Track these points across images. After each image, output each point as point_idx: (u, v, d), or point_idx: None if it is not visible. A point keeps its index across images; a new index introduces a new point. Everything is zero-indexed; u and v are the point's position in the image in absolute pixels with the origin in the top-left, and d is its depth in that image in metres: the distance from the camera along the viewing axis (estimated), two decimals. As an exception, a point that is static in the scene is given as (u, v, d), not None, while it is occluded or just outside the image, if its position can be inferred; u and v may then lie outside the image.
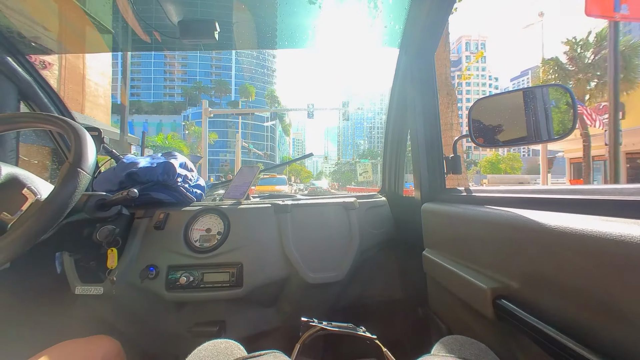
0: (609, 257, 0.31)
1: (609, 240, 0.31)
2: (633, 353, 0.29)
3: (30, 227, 0.49)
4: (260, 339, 0.97)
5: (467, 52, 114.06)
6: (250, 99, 75.16)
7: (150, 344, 0.97)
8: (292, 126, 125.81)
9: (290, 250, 0.93)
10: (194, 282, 0.86)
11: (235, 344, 0.53)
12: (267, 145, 76.33)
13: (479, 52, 50.87)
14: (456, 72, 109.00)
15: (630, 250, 0.29)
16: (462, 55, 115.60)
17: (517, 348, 0.49)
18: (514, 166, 44.39)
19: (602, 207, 0.38)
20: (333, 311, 1.06)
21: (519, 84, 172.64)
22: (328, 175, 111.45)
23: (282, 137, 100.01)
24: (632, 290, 0.29)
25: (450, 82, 4.92)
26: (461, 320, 0.69)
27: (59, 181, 0.53)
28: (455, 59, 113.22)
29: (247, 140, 51.91)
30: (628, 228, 0.30)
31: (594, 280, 0.33)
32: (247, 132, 69.04)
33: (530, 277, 0.45)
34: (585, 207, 0.41)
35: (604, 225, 0.33)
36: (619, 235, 0.30)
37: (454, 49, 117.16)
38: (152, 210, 0.95)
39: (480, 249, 0.59)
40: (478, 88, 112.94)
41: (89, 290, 0.81)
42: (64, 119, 0.62)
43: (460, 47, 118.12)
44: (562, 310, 0.39)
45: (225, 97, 76.62)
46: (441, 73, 4.62)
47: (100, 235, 0.75)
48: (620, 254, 0.30)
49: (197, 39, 1.11)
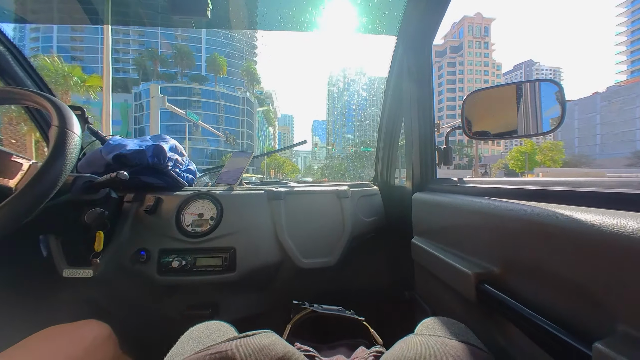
0: (585, 245, 0.34)
1: (585, 229, 0.34)
2: (605, 334, 0.31)
3: (40, 184, 0.48)
4: (252, 321, 0.99)
5: (470, 37, 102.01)
6: (221, 75, 63.54)
7: (142, 328, 0.98)
8: (277, 118, 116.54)
9: (283, 236, 0.95)
10: (186, 266, 0.86)
11: (227, 325, 0.54)
12: (244, 132, 62.99)
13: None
14: (457, 59, 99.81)
15: (605, 238, 0.31)
16: (464, 40, 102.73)
17: (496, 329, 0.53)
18: (554, 158, 37.65)
19: (582, 199, 0.41)
20: (324, 295, 1.10)
21: (513, 78, 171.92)
22: (317, 170, 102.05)
23: (264, 126, 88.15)
24: (606, 276, 0.32)
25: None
26: (445, 303, 0.73)
27: (52, 144, 0.51)
28: (456, 44, 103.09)
29: (215, 125, 44.93)
30: (604, 218, 0.32)
31: (570, 267, 0.36)
32: (218, 116, 58.04)
33: (511, 263, 0.48)
34: (566, 199, 0.43)
35: (581, 216, 0.35)
36: (595, 224, 0.33)
37: (454, 34, 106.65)
38: (141, 194, 0.93)
39: (466, 236, 0.62)
40: (480, 77, 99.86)
41: (78, 273, 0.80)
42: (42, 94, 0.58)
43: (462, 31, 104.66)
44: (540, 294, 0.42)
45: (192, 70, 63.34)
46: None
47: (89, 217, 0.74)
48: (595, 241, 0.32)
49: (188, 15, 1.05)
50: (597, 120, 73.30)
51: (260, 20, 1.16)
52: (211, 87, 60.35)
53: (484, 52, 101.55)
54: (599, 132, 73.74)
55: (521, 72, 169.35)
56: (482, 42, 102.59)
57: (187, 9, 1.03)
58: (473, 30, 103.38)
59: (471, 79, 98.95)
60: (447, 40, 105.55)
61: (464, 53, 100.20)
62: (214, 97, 58.93)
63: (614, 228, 0.31)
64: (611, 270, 0.31)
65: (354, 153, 68.67)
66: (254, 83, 71.55)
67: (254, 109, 66.79)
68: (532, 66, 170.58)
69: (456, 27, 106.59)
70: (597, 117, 72.39)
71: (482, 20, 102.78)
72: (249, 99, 63.69)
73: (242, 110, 62.34)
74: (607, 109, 70.10)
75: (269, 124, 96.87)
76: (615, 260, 0.30)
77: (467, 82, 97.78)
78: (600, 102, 71.16)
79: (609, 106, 69.64)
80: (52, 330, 0.62)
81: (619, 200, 0.36)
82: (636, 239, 0.28)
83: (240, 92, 64.10)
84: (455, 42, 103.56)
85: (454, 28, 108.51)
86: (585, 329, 0.34)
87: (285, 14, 1.09)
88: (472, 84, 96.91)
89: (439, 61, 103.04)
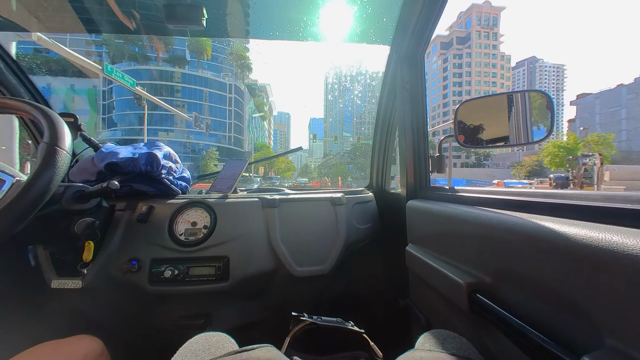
0: (571, 258, 0.34)
1: (571, 242, 0.34)
2: (593, 347, 0.31)
3: (17, 206, 0.47)
4: (246, 330, 0.98)
5: (479, 27, 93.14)
6: (205, 58, 54.99)
7: (134, 338, 0.96)
8: (273, 115, 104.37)
9: (277, 244, 0.94)
10: (178, 276, 0.85)
11: (227, 337, 0.53)
12: (231, 124, 53.11)
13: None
14: (464, 50, 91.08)
15: (591, 252, 0.32)
16: (471, 31, 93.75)
17: (488, 339, 0.52)
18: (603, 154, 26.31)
19: (569, 211, 0.41)
20: (319, 303, 1.09)
21: (516, 75, 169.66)
22: (314, 170, 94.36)
23: (257, 120, 75.85)
24: (592, 290, 0.32)
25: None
26: (439, 312, 0.73)
27: (39, 161, 0.51)
28: (462, 35, 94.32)
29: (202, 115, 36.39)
30: (589, 232, 0.33)
31: (559, 279, 0.36)
32: (202, 105, 49.68)
33: (503, 273, 0.48)
34: (555, 211, 0.44)
35: (568, 229, 0.35)
36: (581, 238, 0.33)
37: (460, 24, 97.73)
38: (133, 202, 0.92)
39: (459, 245, 0.62)
40: (488, 69, 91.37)
41: (66, 284, 0.79)
42: (33, 103, 0.58)
43: (470, 21, 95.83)
44: (531, 305, 0.42)
45: (170, 51, 54.62)
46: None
47: (79, 228, 0.73)
48: (581, 255, 0.33)
49: (183, 24, 1.06)
50: (623, 114, 67.98)
51: (255, 29, 1.17)
52: (192, 71, 50.22)
53: (492, 44, 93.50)
54: (625, 127, 68.26)
55: (524, 69, 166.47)
56: (490, 33, 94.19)
57: (183, 18, 1.04)
58: (481, 20, 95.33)
59: (479, 72, 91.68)
60: (454, 30, 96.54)
61: (472, 44, 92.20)
62: (196, 82, 50.24)
63: (598, 242, 0.31)
64: (597, 284, 0.31)
65: (363, 147, 54.48)
66: (245, 70, 61.10)
67: (244, 98, 57.06)
68: (535, 63, 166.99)
69: (463, 17, 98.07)
70: (623, 111, 66.96)
71: (491, 10, 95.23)
72: (237, 86, 54.55)
73: (229, 99, 52.42)
74: (635, 102, 64.04)
75: (263, 118, 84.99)
76: (599, 274, 0.31)
77: (475, 75, 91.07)
78: (626, 95, 65.27)
79: (637, 99, 63.65)
80: (43, 347, 0.60)
81: (603, 213, 0.37)
82: (620, 254, 0.29)
83: (228, 78, 54.66)
84: (462, 32, 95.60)
85: (460, 18, 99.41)
86: (574, 341, 0.34)
87: (280, 23, 1.11)
88: (480, 77, 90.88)
89: (444, 53, 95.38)
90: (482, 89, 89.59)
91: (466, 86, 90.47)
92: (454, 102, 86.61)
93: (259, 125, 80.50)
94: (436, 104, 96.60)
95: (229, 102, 52.70)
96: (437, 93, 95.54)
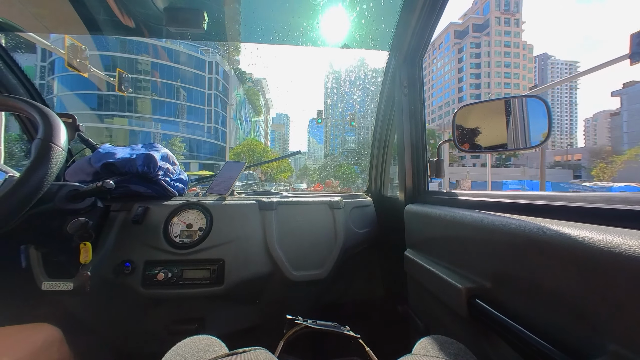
0: (572, 261, 0.34)
1: (572, 245, 0.33)
2: (597, 353, 0.30)
3: (8, 202, 0.46)
4: (241, 335, 0.96)
5: (498, 13, 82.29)
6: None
7: (125, 342, 0.93)
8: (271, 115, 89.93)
9: (274, 248, 0.93)
10: (172, 279, 0.83)
11: (217, 340, 0.52)
12: (211, 111, 41.25)
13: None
14: (482, 38, 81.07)
15: (592, 254, 0.31)
16: (490, 17, 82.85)
17: (488, 345, 0.51)
18: None
19: (568, 213, 0.41)
20: (316, 308, 1.07)
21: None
22: (313, 172, 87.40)
23: (248, 112, 64.73)
24: (595, 294, 0.31)
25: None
26: (438, 318, 0.72)
27: (33, 157, 0.50)
28: (479, 22, 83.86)
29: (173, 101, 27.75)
30: (590, 234, 0.32)
31: (560, 283, 0.35)
32: (174, 85, 38.11)
33: (503, 277, 0.47)
34: (554, 213, 0.43)
35: (568, 231, 0.35)
36: (582, 240, 0.32)
37: (477, 10, 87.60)
38: (129, 203, 0.91)
39: (457, 249, 0.61)
40: (510, 59, 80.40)
41: (57, 286, 0.77)
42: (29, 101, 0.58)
43: (488, 6, 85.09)
44: (532, 310, 0.41)
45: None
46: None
47: (72, 228, 0.71)
48: (583, 258, 0.32)
49: (184, 27, 1.07)
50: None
51: (255, 34, 1.19)
52: (159, 41, 34.78)
53: (514, 31, 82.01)
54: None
55: (535, 66, 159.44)
56: (511, 19, 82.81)
57: (183, 22, 1.05)
58: (501, 5, 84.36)
59: (499, 62, 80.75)
60: (469, 17, 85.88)
61: (491, 32, 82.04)
62: (167, 57, 37.77)
63: (599, 244, 0.30)
64: (598, 287, 0.30)
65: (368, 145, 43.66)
66: (233, 50, 48.48)
67: (231, 83, 44.96)
68: (547, 59, 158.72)
69: (480, 2, 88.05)
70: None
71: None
72: (221, 66, 42.23)
73: (209, 79, 39.99)
74: None
75: (256, 112, 71.70)
76: (601, 276, 0.30)
77: (495, 65, 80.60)
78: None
79: None
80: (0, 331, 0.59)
81: (603, 215, 0.36)
82: (621, 256, 0.28)
83: (209, 55, 41.76)
84: (479, 19, 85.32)
85: (477, 3, 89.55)
86: (577, 347, 0.33)
87: (280, 28, 1.12)
88: (501, 68, 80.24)
89: (459, 42, 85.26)
90: (503, 81, 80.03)
91: (485, 78, 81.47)
92: (471, 96, 77.12)
93: (250, 117, 67.34)
94: (450, 99, 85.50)
95: (208, 83, 40.16)
96: (452, 87, 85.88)
